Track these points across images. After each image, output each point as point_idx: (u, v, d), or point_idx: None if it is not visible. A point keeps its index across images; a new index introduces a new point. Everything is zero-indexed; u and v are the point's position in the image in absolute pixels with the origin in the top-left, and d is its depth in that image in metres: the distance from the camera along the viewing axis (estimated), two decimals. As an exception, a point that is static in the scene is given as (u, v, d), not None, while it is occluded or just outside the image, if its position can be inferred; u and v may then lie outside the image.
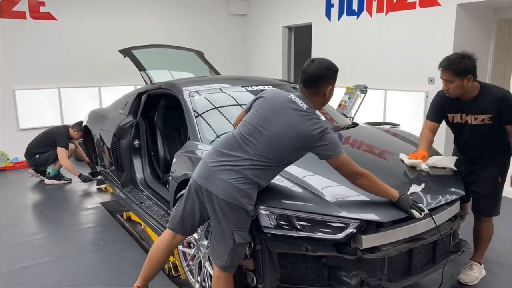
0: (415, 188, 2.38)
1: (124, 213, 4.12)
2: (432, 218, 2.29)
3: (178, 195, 2.68)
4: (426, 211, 2.23)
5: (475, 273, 2.87)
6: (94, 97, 7.01)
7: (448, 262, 2.46)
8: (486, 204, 2.81)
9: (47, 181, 5.46)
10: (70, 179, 5.49)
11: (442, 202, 2.41)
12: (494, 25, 5.41)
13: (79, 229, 4.00)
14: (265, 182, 2.14)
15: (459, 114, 2.72)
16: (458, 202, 2.60)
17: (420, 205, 2.23)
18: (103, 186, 4.99)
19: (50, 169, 5.52)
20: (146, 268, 2.41)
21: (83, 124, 5.12)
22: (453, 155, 2.96)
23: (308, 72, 2.14)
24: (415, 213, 2.18)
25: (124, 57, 4.44)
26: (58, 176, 5.49)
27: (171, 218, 2.35)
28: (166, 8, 7.59)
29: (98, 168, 4.90)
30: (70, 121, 6.10)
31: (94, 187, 5.26)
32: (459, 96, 2.63)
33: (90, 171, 5.33)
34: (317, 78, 2.13)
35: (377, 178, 2.21)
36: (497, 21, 5.40)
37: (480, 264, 2.93)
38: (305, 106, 2.09)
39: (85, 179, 5.24)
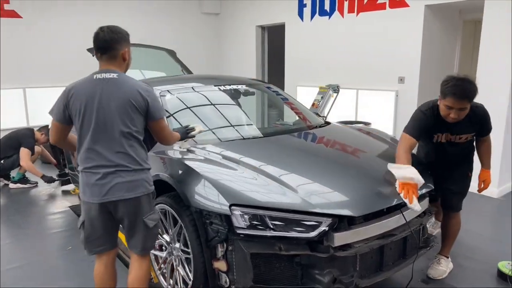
0: None
1: (94, 216, 3.98)
2: (403, 214, 2.33)
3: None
4: (199, 129, 2.65)
5: (443, 267, 2.94)
6: (55, 98, 6.79)
7: (418, 257, 2.51)
8: (457, 200, 2.89)
9: (12, 185, 5.24)
10: (36, 183, 5.30)
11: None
12: (460, 25, 5.58)
13: (47, 234, 3.85)
14: (144, 155, 2.15)
15: (444, 134, 2.69)
16: (427, 198, 2.66)
17: (191, 128, 2.62)
18: (71, 189, 4.83)
19: (14, 173, 5.30)
20: None
21: (50, 126, 4.94)
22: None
23: (101, 38, 2.09)
24: (194, 132, 2.62)
25: (93, 55, 4.31)
26: (23, 180, 5.28)
27: (90, 246, 2.24)
28: (138, 6, 7.46)
29: (66, 170, 4.74)
30: (36, 123, 5.90)
31: (60, 190, 5.09)
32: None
33: (58, 173, 5.16)
34: (112, 42, 2.09)
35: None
36: (462, 22, 5.59)
37: (447, 257, 3.01)
38: (114, 75, 2.08)
39: (48, 180, 5.07)
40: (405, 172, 2.39)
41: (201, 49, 8.36)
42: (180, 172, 2.43)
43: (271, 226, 2.11)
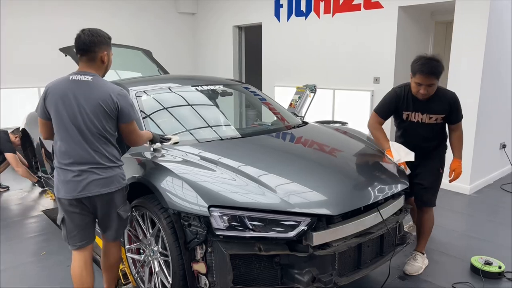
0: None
1: (68, 220, 3.88)
2: (379, 212, 2.38)
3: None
4: (175, 139, 2.76)
5: (419, 263, 3.01)
6: (33, 98, 6.60)
7: (394, 254, 2.56)
8: (430, 195, 2.97)
9: None
10: (8, 187, 5.12)
11: (389, 194, 2.51)
12: (432, 26, 5.73)
13: (19, 239, 3.73)
14: (116, 152, 2.27)
15: (414, 113, 2.85)
16: (403, 196, 2.71)
17: (167, 138, 2.76)
18: (46, 193, 4.69)
19: None
20: None
21: (21, 127, 4.80)
22: None
23: (82, 40, 2.18)
24: (169, 142, 2.72)
25: (66, 55, 4.21)
26: None
27: (70, 240, 2.30)
28: (113, 5, 7.32)
29: (39, 173, 4.61)
30: (7, 124, 5.70)
31: (34, 194, 4.94)
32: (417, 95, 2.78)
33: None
34: (91, 44, 2.18)
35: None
36: (434, 23, 5.73)
37: (423, 254, 3.08)
38: (89, 77, 2.17)
39: (42, 185, 4.92)
40: (399, 150, 2.78)
41: (178, 49, 8.28)
42: (157, 174, 2.40)
43: (250, 227, 2.11)
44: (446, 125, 2.95)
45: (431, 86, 2.69)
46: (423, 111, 2.83)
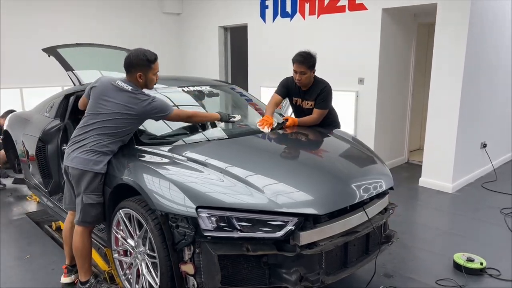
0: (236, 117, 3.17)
1: (53, 223, 3.84)
2: (365, 211, 2.41)
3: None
4: (239, 117, 3.15)
5: None
6: (15, 100, 6.48)
7: (380, 253, 2.60)
8: None
9: None
10: (5, 184, 5.04)
11: (374, 194, 2.55)
12: (415, 28, 5.83)
13: (2, 243, 3.65)
14: (115, 148, 2.65)
15: (298, 99, 3.54)
16: (388, 195, 2.76)
17: (233, 116, 3.14)
18: (27, 195, 4.61)
19: None
20: (67, 248, 2.86)
21: (3, 129, 4.70)
22: None
23: (125, 58, 2.65)
24: (235, 118, 3.14)
25: (49, 56, 4.14)
26: None
27: (63, 201, 2.90)
28: (97, 5, 7.23)
29: (22, 176, 4.52)
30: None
31: (16, 196, 4.85)
32: (302, 85, 3.41)
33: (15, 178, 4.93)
34: (127, 65, 2.64)
35: (203, 112, 3.18)
36: (417, 24, 5.83)
37: None
38: (129, 88, 2.60)
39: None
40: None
41: (163, 50, 8.19)
42: (144, 175, 2.39)
43: (238, 227, 2.12)
44: (333, 111, 3.62)
45: (303, 74, 3.30)
46: (303, 98, 3.49)
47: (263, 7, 6.73)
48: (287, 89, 3.55)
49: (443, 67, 4.72)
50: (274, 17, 6.60)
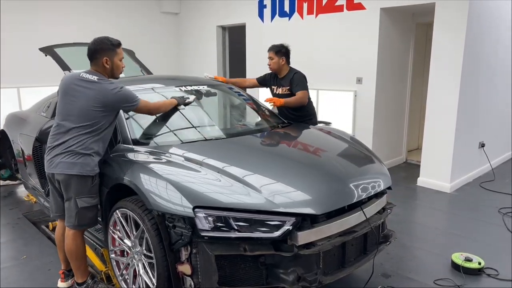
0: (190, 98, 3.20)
1: (50, 223, 3.82)
2: (363, 211, 2.41)
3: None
4: (193, 97, 3.23)
5: None
6: (12, 99, 6.45)
7: (378, 253, 2.60)
8: None
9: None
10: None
11: (372, 193, 2.54)
12: (413, 28, 5.83)
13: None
14: (98, 148, 2.57)
15: (276, 87, 4.05)
16: (386, 195, 2.75)
17: (187, 97, 3.17)
18: (25, 195, 4.59)
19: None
20: (61, 254, 2.80)
21: (0, 129, 4.69)
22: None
23: (88, 48, 2.62)
24: (190, 99, 3.17)
25: (46, 55, 4.13)
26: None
27: (50, 210, 2.82)
28: (95, 4, 7.21)
29: (19, 175, 4.51)
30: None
31: (15, 197, 4.83)
32: (277, 73, 3.99)
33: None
34: (91, 53, 2.61)
35: (161, 102, 2.99)
36: (416, 24, 5.83)
37: None
38: (95, 78, 2.54)
39: None
40: None
41: (161, 49, 8.21)
42: (141, 175, 2.38)
43: (236, 227, 2.11)
44: (311, 105, 4.08)
45: (271, 59, 3.94)
46: (279, 85, 4.00)
47: (261, 7, 6.72)
48: (264, 78, 4.21)
49: (441, 66, 4.72)
50: (272, 17, 6.58)
